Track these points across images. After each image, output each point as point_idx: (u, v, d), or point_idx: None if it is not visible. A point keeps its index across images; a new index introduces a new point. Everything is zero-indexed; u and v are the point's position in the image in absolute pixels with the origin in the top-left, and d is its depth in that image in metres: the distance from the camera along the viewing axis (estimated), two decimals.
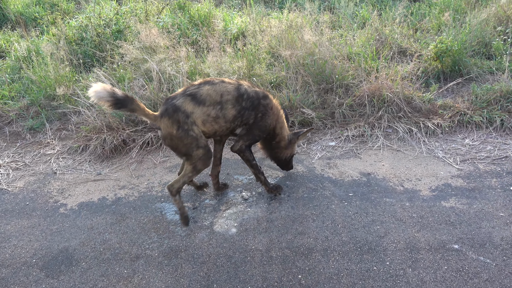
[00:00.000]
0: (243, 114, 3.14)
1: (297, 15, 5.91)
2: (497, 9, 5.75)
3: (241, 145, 3.28)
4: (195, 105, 2.94)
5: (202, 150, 3.02)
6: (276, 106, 3.39)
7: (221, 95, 3.03)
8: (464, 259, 2.76)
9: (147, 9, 6.72)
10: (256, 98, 3.18)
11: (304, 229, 3.14)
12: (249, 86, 3.23)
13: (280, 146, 3.55)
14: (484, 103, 4.37)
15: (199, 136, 2.99)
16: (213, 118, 3.02)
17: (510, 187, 3.38)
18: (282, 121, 3.47)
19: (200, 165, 3.09)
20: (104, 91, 2.76)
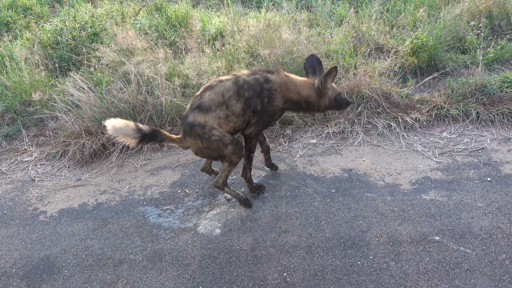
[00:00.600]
0: (250, 103, 3.15)
1: (274, 14, 5.93)
2: (470, 4, 5.88)
3: (251, 131, 3.29)
4: (204, 114, 3.06)
5: (231, 146, 3.12)
6: (281, 80, 3.27)
7: (222, 95, 3.09)
8: (445, 250, 2.81)
9: (123, 11, 6.64)
10: (257, 85, 3.16)
11: (288, 227, 3.15)
12: (248, 74, 3.21)
13: (312, 102, 3.39)
14: (460, 97, 4.46)
15: (222, 135, 3.09)
16: (225, 119, 3.10)
17: (487, 178, 3.46)
18: (294, 85, 3.31)
19: (235, 158, 3.20)
20: (129, 128, 2.95)
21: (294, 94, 3.32)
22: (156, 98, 4.51)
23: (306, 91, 3.34)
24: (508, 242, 2.82)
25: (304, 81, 3.37)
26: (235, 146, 3.13)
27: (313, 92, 3.33)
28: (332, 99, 3.40)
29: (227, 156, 3.16)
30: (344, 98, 3.50)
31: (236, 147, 3.14)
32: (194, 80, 4.74)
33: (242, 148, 3.21)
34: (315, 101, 3.38)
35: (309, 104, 3.39)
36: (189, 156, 4.21)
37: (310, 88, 3.34)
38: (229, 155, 3.15)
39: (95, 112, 4.52)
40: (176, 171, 4.02)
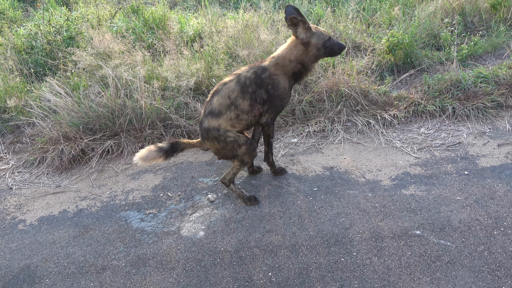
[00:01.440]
0: (255, 97, 3.23)
1: (252, 14, 5.94)
2: (443, 2, 6.01)
3: (267, 118, 3.37)
4: (216, 118, 3.22)
5: (244, 146, 3.28)
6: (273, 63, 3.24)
7: (229, 97, 3.21)
8: (426, 244, 2.86)
9: (99, 14, 6.55)
10: (257, 77, 3.22)
11: (272, 226, 3.17)
12: (247, 70, 3.28)
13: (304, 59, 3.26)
14: (436, 93, 4.56)
15: (237, 136, 3.25)
16: (236, 118, 3.24)
17: (465, 172, 3.55)
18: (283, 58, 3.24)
19: (247, 158, 3.35)
20: (151, 152, 3.22)
21: (289, 66, 3.26)
22: (135, 101, 4.47)
23: (295, 53, 3.23)
24: (486, 234, 2.89)
25: (288, 45, 3.27)
26: (248, 146, 3.29)
27: (299, 48, 3.22)
28: (321, 45, 3.21)
29: (240, 155, 3.32)
30: (336, 42, 3.26)
31: (249, 147, 3.30)
32: (173, 83, 4.71)
33: (255, 149, 3.38)
34: (306, 56, 3.24)
35: (303, 63, 3.28)
36: (170, 159, 4.18)
37: (295, 46, 3.22)
38: (242, 154, 3.31)
39: (73, 117, 4.44)
40: (157, 174, 3.98)
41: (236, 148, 3.27)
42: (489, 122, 4.19)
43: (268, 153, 3.66)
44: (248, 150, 3.30)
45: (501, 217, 3.02)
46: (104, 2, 7.83)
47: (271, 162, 3.71)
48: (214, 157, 4.14)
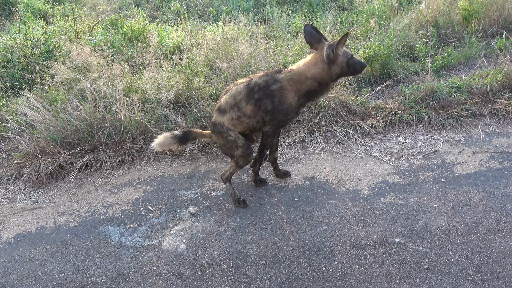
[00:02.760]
0: (260, 104, 3.29)
1: (232, 27, 5.99)
2: (417, 14, 6.18)
3: (268, 129, 3.44)
4: (222, 115, 3.38)
5: (241, 149, 3.38)
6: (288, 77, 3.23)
7: (234, 98, 3.32)
8: (405, 251, 2.90)
9: (77, 27, 6.50)
10: (266, 87, 3.26)
11: (253, 238, 3.17)
12: (260, 76, 3.34)
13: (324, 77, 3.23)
14: (412, 103, 4.66)
15: (237, 138, 3.38)
16: (237, 119, 3.35)
17: (442, 179, 3.62)
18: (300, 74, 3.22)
19: (241, 161, 3.45)
20: (166, 138, 3.49)
21: (305, 83, 3.24)
22: (115, 114, 4.43)
23: (313, 70, 3.20)
24: (463, 240, 2.95)
25: (307, 62, 3.24)
26: (244, 150, 3.38)
27: (319, 66, 3.18)
28: (344, 64, 3.19)
29: (236, 157, 3.43)
30: (358, 61, 3.26)
31: (245, 152, 3.39)
32: (153, 95, 4.70)
33: (250, 155, 3.44)
34: (326, 74, 3.21)
35: (322, 81, 3.24)
36: (150, 172, 4.16)
37: (315, 64, 3.19)
38: (238, 156, 3.42)
39: (50, 132, 4.38)
40: (137, 188, 3.95)
41: (234, 148, 3.40)
42: (463, 131, 4.31)
43: (256, 161, 3.71)
44: (243, 153, 3.39)
45: (477, 223, 3.09)
46: (82, 15, 7.79)
47: (256, 171, 3.76)
48: (195, 169, 4.13)
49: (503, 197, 3.32)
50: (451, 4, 6.35)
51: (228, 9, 7.94)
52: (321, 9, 7.66)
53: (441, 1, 6.25)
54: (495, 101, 4.58)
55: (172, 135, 3.51)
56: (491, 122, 4.38)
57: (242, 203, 3.52)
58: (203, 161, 4.26)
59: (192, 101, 4.79)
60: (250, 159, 3.48)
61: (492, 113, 4.47)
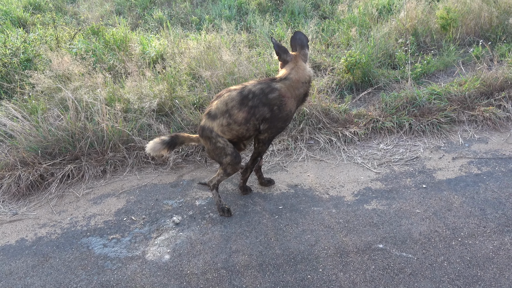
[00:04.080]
0: (254, 112, 3.29)
1: (214, 36, 6.01)
2: (397, 23, 6.30)
3: (265, 137, 3.47)
4: (212, 120, 3.37)
5: (229, 157, 3.38)
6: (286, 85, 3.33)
7: (226, 104, 3.31)
8: (389, 257, 2.94)
9: (58, 36, 6.43)
10: (263, 94, 3.28)
11: (238, 246, 3.16)
12: (255, 84, 3.35)
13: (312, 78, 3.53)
14: (393, 110, 4.74)
15: (226, 145, 3.36)
16: (227, 126, 3.33)
17: (423, 185, 3.68)
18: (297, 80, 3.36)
19: (229, 169, 3.45)
20: (156, 144, 3.50)
21: (302, 88, 3.40)
22: (97, 124, 4.39)
23: (305, 75, 3.40)
24: (445, 245, 3.00)
25: (295, 68, 3.38)
26: (233, 158, 3.38)
27: (307, 70, 3.43)
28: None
29: (224, 164, 3.43)
30: None
31: (233, 160, 3.38)
32: (135, 104, 4.66)
33: (238, 163, 3.44)
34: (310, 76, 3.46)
35: (311, 82, 3.49)
36: (133, 181, 4.12)
37: (305, 68, 3.42)
38: (226, 164, 3.42)
39: (31, 142, 4.30)
40: (120, 198, 3.90)
41: (222, 155, 3.39)
42: (443, 137, 4.39)
43: (248, 168, 3.70)
44: (232, 161, 3.39)
45: (458, 228, 3.15)
46: (63, 23, 7.71)
47: (246, 178, 3.77)
48: (179, 178, 4.11)
49: (483, 202, 3.40)
50: (429, 13, 6.51)
51: (211, 17, 7.97)
52: (303, 17, 7.75)
53: (419, 10, 6.39)
54: (473, 108, 4.69)
55: (160, 140, 3.52)
56: (470, 128, 4.48)
57: (227, 212, 3.51)
58: (187, 170, 4.24)
59: (175, 110, 4.78)
60: (238, 168, 3.49)
61: (471, 120, 4.58)
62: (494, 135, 4.36)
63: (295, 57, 3.42)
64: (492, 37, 6.04)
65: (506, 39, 5.89)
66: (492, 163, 3.91)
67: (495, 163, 3.89)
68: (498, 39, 5.93)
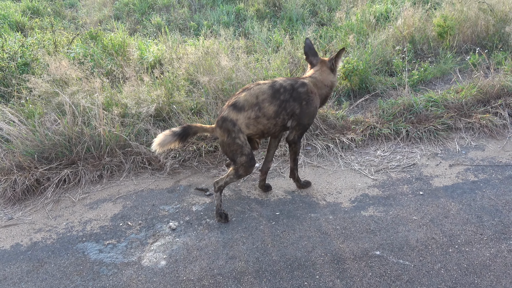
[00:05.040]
0: (285, 106, 3.33)
1: (212, 41, 6.02)
2: (394, 30, 6.34)
3: (294, 136, 3.50)
4: (237, 112, 3.28)
5: (245, 157, 3.33)
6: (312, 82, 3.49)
7: (257, 97, 3.29)
8: (386, 264, 2.93)
9: (56, 40, 6.43)
10: (293, 90, 3.35)
11: (235, 253, 3.14)
12: (285, 80, 3.41)
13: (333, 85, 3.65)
14: (390, 116, 4.75)
15: (244, 144, 3.31)
16: (254, 119, 3.29)
17: (420, 192, 3.69)
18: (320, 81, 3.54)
19: (241, 171, 3.40)
20: (166, 136, 3.33)
21: (324, 89, 3.56)
22: (94, 128, 4.38)
23: (328, 78, 3.57)
24: (442, 252, 3.00)
25: (320, 71, 3.57)
26: (248, 160, 3.34)
27: (331, 75, 3.58)
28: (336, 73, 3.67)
29: (238, 164, 3.37)
30: None
31: (248, 162, 3.35)
32: (133, 109, 4.66)
33: (252, 166, 3.41)
34: (335, 82, 3.64)
35: (332, 88, 3.65)
36: (130, 187, 4.10)
37: (328, 74, 3.58)
38: (239, 164, 3.36)
39: (27, 146, 4.28)
40: (117, 203, 3.88)
41: (238, 154, 3.32)
42: (440, 144, 4.40)
43: (293, 169, 3.74)
44: (246, 163, 3.34)
45: (455, 235, 3.14)
46: (61, 28, 7.71)
47: (296, 178, 3.80)
48: (176, 184, 4.10)
49: (479, 209, 3.40)
50: (426, 20, 6.55)
51: (209, 23, 7.99)
52: (301, 24, 7.78)
53: (416, 17, 6.43)
54: (470, 115, 4.71)
55: (171, 132, 3.36)
56: (467, 136, 4.50)
57: (224, 218, 3.48)
58: (184, 175, 4.23)
59: (173, 115, 4.77)
60: (251, 171, 3.46)
61: (468, 127, 4.59)
62: (491, 142, 4.37)
63: (321, 61, 3.61)
64: (488, 45, 6.07)
65: (503, 47, 5.93)
66: (489, 170, 3.92)
67: (491, 171, 3.90)
68: (495, 47, 5.97)
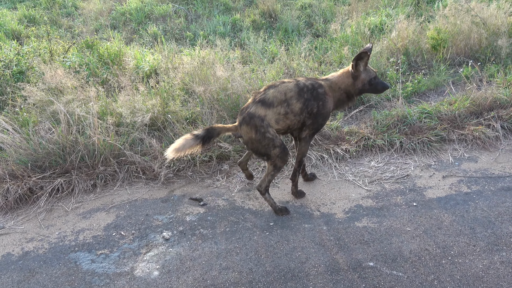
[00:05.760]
0: (308, 104, 3.43)
1: (208, 51, 6.05)
2: (388, 42, 6.40)
3: (307, 133, 3.58)
4: (266, 108, 3.35)
5: (278, 148, 3.39)
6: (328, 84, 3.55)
7: (285, 94, 3.39)
8: (379, 275, 2.93)
9: (52, 49, 6.44)
10: (313, 89, 3.45)
11: (228, 263, 3.13)
12: (306, 80, 3.51)
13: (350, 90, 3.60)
14: (384, 128, 4.78)
15: (275, 136, 3.37)
16: (284, 115, 3.39)
17: (413, 203, 3.70)
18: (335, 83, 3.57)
19: (279, 162, 3.47)
20: (187, 140, 3.34)
21: (337, 93, 3.59)
22: (88, 137, 4.37)
23: (345, 82, 3.56)
24: (435, 263, 3.00)
25: (339, 74, 3.61)
26: (282, 150, 3.41)
27: (349, 79, 3.56)
28: (366, 82, 3.57)
29: (273, 157, 3.43)
30: (380, 82, 3.65)
31: (282, 151, 3.42)
32: (128, 118, 4.66)
33: (287, 154, 3.48)
34: (352, 87, 3.59)
35: (348, 93, 3.62)
36: (124, 196, 4.08)
37: (346, 77, 3.56)
38: (275, 157, 3.43)
39: (20, 155, 4.26)
40: (110, 212, 3.86)
41: (271, 147, 3.38)
42: (434, 155, 4.43)
43: (296, 171, 3.78)
44: (281, 153, 3.42)
45: (448, 246, 3.15)
46: (57, 36, 7.73)
47: (296, 182, 3.82)
48: (170, 193, 4.09)
49: (472, 221, 3.41)
50: (420, 33, 6.62)
51: (205, 33, 8.04)
52: (296, 35, 7.85)
53: (410, 30, 6.50)
54: (463, 127, 4.74)
55: (193, 136, 3.36)
56: (460, 147, 4.53)
57: (285, 211, 3.63)
58: (178, 185, 4.22)
59: (168, 125, 4.78)
60: (287, 159, 3.52)
61: (461, 138, 4.63)
62: (484, 154, 4.41)
63: (347, 68, 3.60)
64: (481, 57, 6.15)
65: (495, 60, 6.00)
66: (481, 182, 3.94)
67: (484, 182, 3.93)
68: (487, 60, 6.04)
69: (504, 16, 6.21)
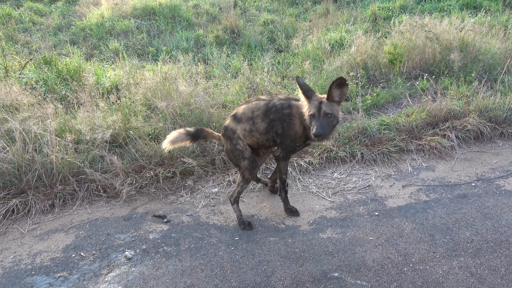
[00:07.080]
0: (273, 125, 3.45)
1: (171, 67, 6.03)
2: (348, 57, 6.59)
3: (280, 153, 3.60)
4: (236, 123, 3.51)
5: (247, 161, 3.52)
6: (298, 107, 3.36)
7: (252, 112, 3.47)
8: (344, 285, 2.95)
9: (7, 65, 6.22)
10: (280, 109, 3.43)
11: (193, 280, 3.07)
12: (281, 98, 3.50)
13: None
14: (346, 140, 4.89)
15: (244, 149, 3.52)
16: (249, 132, 3.49)
17: (375, 213, 3.77)
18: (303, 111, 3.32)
19: (247, 174, 3.58)
20: (180, 134, 3.61)
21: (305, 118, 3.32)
22: (45, 156, 4.22)
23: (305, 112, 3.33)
24: (397, 271, 3.06)
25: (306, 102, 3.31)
26: (250, 163, 3.53)
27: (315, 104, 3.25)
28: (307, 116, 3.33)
29: (242, 168, 3.57)
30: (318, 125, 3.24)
31: (250, 164, 3.54)
32: (87, 135, 4.54)
33: (256, 168, 3.59)
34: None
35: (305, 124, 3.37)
36: (83, 216, 3.95)
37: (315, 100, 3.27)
38: (244, 168, 3.56)
39: None
40: (69, 233, 3.72)
41: (240, 158, 3.53)
42: (393, 165, 4.56)
43: (281, 189, 3.78)
44: (249, 166, 3.53)
45: (409, 254, 3.23)
46: (13, 52, 7.48)
47: (283, 199, 3.82)
48: (132, 211, 3.99)
49: (432, 228, 3.51)
50: (378, 48, 6.86)
51: (168, 49, 8.01)
52: (259, 50, 7.95)
53: (369, 45, 6.73)
54: (421, 137, 4.92)
55: (185, 131, 3.63)
56: (418, 157, 4.68)
57: (248, 226, 3.62)
58: (141, 202, 4.13)
59: (130, 141, 4.69)
60: (255, 173, 3.63)
61: (418, 149, 4.79)
62: (440, 163, 4.57)
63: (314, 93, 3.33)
64: (435, 71, 6.42)
65: (448, 73, 6.28)
66: (439, 190, 4.08)
67: (442, 190, 4.06)
68: (441, 73, 6.32)
69: (456, 32, 6.54)
